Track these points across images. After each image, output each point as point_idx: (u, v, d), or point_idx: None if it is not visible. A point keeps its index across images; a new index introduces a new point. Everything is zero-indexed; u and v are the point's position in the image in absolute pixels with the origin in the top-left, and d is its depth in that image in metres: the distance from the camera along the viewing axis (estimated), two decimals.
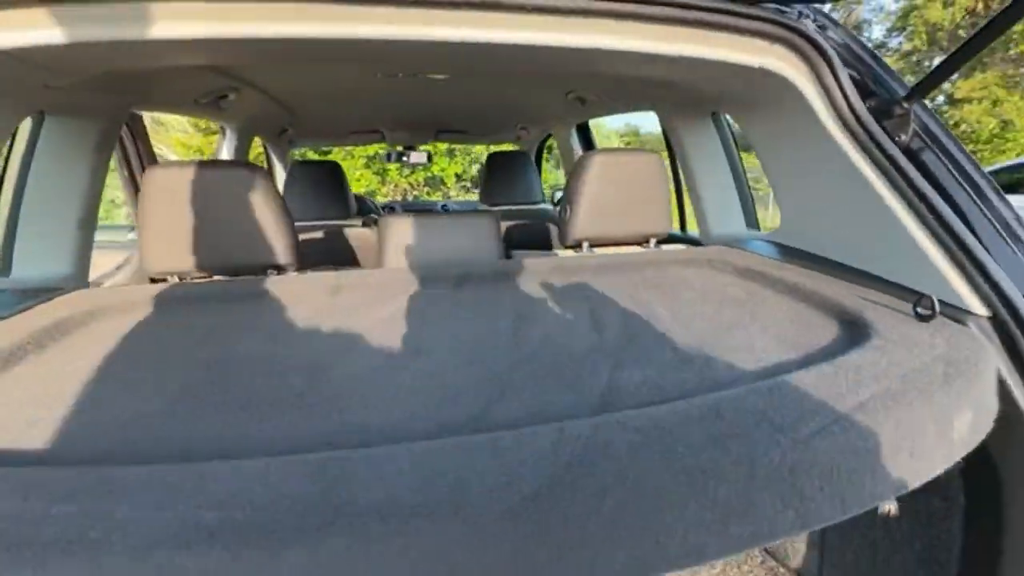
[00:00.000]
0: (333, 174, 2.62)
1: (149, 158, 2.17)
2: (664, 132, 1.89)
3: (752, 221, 1.62)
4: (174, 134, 10.36)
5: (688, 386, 0.67)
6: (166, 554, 0.39)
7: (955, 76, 13.11)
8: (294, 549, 0.41)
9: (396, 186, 12.80)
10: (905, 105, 0.93)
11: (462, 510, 0.44)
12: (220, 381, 0.72)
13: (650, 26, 0.91)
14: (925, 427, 0.59)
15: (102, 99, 1.24)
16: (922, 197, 0.87)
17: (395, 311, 1.00)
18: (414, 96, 2.22)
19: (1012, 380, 0.73)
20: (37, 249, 1.19)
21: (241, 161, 1.25)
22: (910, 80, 0.95)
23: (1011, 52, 11.56)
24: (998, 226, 0.85)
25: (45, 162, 1.18)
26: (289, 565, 0.40)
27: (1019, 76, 11.74)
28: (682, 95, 1.45)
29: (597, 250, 1.48)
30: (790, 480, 0.50)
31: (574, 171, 1.46)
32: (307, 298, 1.08)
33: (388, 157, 3.95)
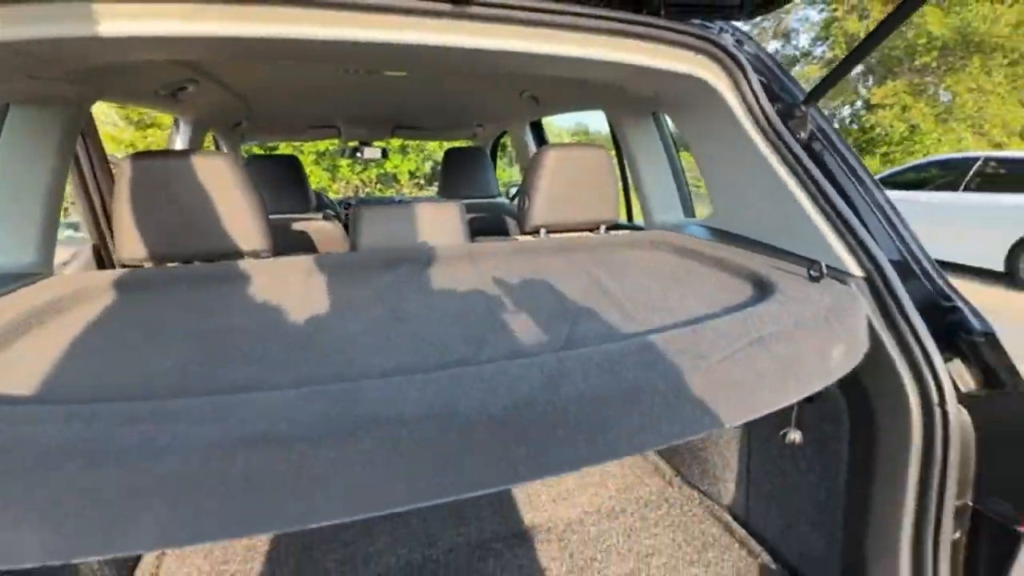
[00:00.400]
0: (292, 168, 2.64)
1: (99, 154, 2.12)
2: (611, 129, 2.06)
3: (689, 209, 1.82)
4: (103, 128, 9.70)
5: (631, 333, 0.82)
6: (229, 453, 0.49)
7: (871, 83, 14.31)
8: (329, 449, 0.52)
9: (347, 183, 12.56)
10: (803, 108, 1.12)
11: (457, 419, 0.57)
12: (225, 345, 0.80)
13: (594, 36, 1.06)
14: (808, 355, 0.77)
15: (68, 90, 1.25)
16: (817, 184, 1.07)
17: (373, 288, 1.10)
18: (372, 92, 2.29)
19: (878, 323, 0.93)
20: (2, 239, 1.19)
21: (217, 152, 1.29)
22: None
23: (916, 63, 12.78)
24: (872, 206, 1.06)
25: (9, 152, 1.19)
26: (325, 460, 0.51)
27: (923, 84, 12.99)
28: (625, 96, 1.62)
29: (553, 235, 1.62)
30: (706, 392, 0.66)
31: (531, 164, 1.59)
32: (288, 278, 1.16)
33: (342, 152, 3.95)
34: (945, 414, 0.87)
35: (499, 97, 2.49)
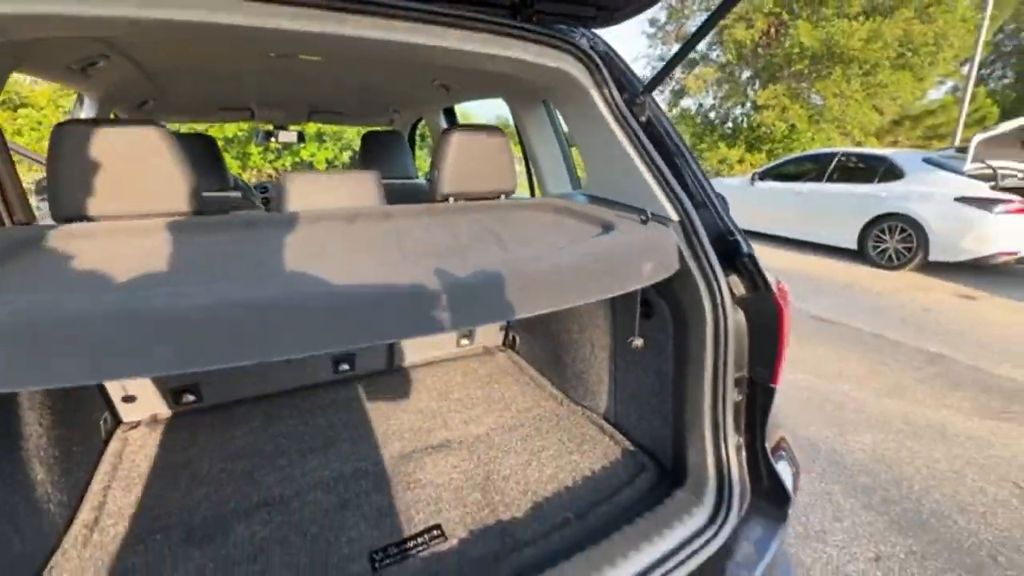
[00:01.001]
0: (209, 147, 2.68)
1: None
2: (512, 114, 2.37)
3: (576, 182, 2.17)
4: None
5: (506, 256, 1.12)
6: (220, 312, 0.71)
7: (757, 86, 15.90)
8: (287, 311, 0.76)
9: (259, 171, 11.98)
10: (642, 97, 1.48)
11: (376, 296, 0.83)
12: (183, 272, 0.99)
13: (486, 36, 1.34)
14: (625, 266, 1.11)
15: None
16: (650, 155, 1.43)
17: (303, 237, 1.31)
18: (287, 75, 2.40)
19: (686, 252, 1.30)
20: None
21: (149, 120, 1.40)
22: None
23: (794, 69, 14.48)
24: (688, 171, 1.44)
25: None
26: (284, 318, 0.75)
27: (799, 89, 14.75)
28: (518, 85, 1.93)
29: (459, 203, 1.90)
30: (550, 284, 0.97)
31: (439, 143, 1.85)
32: (223, 231, 1.33)
33: (256, 136, 3.93)
34: (725, 312, 1.26)
35: (413, 84, 2.70)
